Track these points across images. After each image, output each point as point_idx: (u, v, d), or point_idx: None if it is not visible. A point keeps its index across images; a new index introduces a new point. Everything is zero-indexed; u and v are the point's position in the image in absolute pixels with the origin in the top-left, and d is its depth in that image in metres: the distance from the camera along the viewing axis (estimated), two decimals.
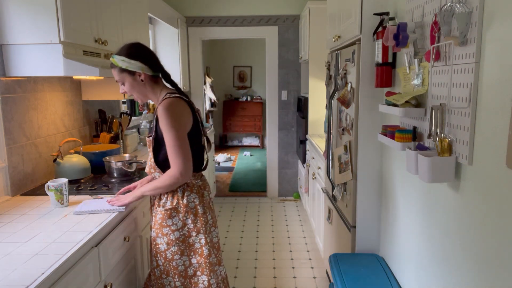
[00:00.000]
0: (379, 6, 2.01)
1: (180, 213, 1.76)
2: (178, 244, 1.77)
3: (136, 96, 1.79)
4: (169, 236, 1.76)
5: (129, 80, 1.73)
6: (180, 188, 1.76)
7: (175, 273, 1.79)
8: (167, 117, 1.64)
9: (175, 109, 1.67)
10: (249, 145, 8.62)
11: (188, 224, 1.77)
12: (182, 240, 1.78)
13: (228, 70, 8.52)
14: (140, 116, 4.02)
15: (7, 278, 1.18)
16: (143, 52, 1.74)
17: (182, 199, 1.76)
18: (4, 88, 1.94)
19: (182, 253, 1.78)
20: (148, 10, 3.34)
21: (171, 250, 1.77)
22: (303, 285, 2.90)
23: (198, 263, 1.80)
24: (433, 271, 1.54)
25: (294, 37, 4.68)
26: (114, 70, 1.74)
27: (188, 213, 1.76)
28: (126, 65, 1.69)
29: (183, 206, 1.76)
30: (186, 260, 1.79)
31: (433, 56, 1.42)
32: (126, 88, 1.75)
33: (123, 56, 1.69)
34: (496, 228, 1.13)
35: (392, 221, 2.02)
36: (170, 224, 1.76)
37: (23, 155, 2.09)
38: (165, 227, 1.76)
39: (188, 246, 1.79)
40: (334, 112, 2.68)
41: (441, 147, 1.35)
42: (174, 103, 1.68)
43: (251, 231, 3.95)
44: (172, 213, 1.76)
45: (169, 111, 1.65)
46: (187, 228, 1.78)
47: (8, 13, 1.83)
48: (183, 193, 1.76)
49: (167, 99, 1.70)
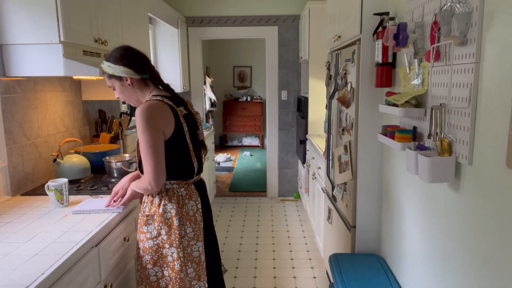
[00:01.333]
0: (379, 6, 2.01)
1: (156, 221, 1.68)
2: (151, 253, 1.69)
3: (128, 100, 1.76)
4: (144, 243, 1.70)
5: (118, 85, 1.70)
6: (159, 195, 1.68)
7: (147, 282, 1.71)
8: (141, 121, 1.55)
9: (151, 113, 1.57)
10: (249, 145, 8.62)
11: (162, 235, 1.68)
12: (155, 250, 1.69)
13: (228, 70, 8.52)
14: None
15: (7, 278, 1.18)
16: (128, 56, 1.69)
17: (158, 208, 1.67)
18: (4, 88, 1.94)
19: (154, 264, 1.70)
20: (148, 10, 3.34)
21: (145, 258, 1.71)
22: (303, 285, 2.90)
23: (170, 277, 1.70)
24: (433, 271, 1.54)
25: (294, 37, 4.68)
26: (104, 76, 1.72)
27: (162, 223, 1.67)
28: (112, 70, 1.66)
29: (158, 215, 1.67)
30: (158, 271, 1.71)
31: (433, 56, 1.42)
32: (118, 94, 1.73)
33: (109, 62, 1.67)
34: (496, 228, 1.13)
35: (392, 221, 2.02)
36: (145, 231, 1.70)
37: (23, 155, 2.09)
38: (142, 233, 1.71)
39: (161, 257, 1.70)
40: (334, 112, 2.68)
41: (441, 147, 1.35)
42: (151, 107, 1.58)
43: (251, 231, 3.95)
44: (148, 220, 1.69)
45: (144, 114, 1.55)
46: (161, 239, 1.68)
47: (8, 13, 1.83)
48: (160, 201, 1.68)
49: (145, 102, 1.62)
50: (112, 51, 1.72)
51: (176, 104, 1.69)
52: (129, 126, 3.47)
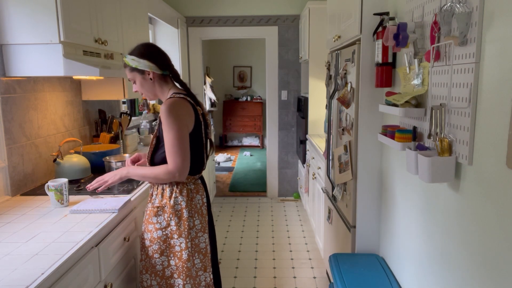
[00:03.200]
0: (379, 6, 2.01)
1: (166, 213, 1.77)
2: (159, 243, 1.77)
3: (145, 94, 1.83)
4: (152, 234, 1.78)
5: (139, 78, 1.78)
6: (169, 188, 1.77)
7: (153, 271, 1.79)
8: (168, 116, 1.66)
9: (177, 109, 1.69)
10: (249, 145, 8.62)
11: (171, 226, 1.77)
12: (163, 240, 1.77)
13: (228, 70, 8.52)
14: (140, 116, 4.02)
15: (7, 278, 1.18)
16: (153, 52, 1.78)
17: (169, 200, 1.76)
18: (4, 88, 1.94)
19: (161, 253, 1.78)
20: (148, 10, 3.34)
21: (152, 248, 1.78)
22: (303, 285, 2.90)
23: (176, 266, 1.78)
24: (433, 271, 1.54)
25: (294, 37, 4.68)
26: (126, 69, 1.79)
27: (172, 215, 1.76)
28: (136, 64, 1.74)
29: (169, 206, 1.76)
30: (165, 261, 1.79)
31: (433, 56, 1.42)
32: (136, 86, 1.81)
33: (133, 56, 1.75)
34: (496, 228, 1.13)
35: (392, 221, 2.02)
36: (155, 221, 1.77)
37: (23, 155, 2.09)
38: (150, 224, 1.78)
39: (168, 247, 1.78)
40: (334, 112, 2.68)
41: (441, 147, 1.35)
42: (176, 103, 1.70)
43: (251, 231, 3.95)
44: (159, 211, 1.77)
45: (171, 110, 1.67)
46: (170, 229, 1.77)
47: (8, 13, 1.83)
48: (171, 194, 1.77)
49: (170, 99, 1.73)
50: (136, 46, 1.80)
51: (195, 102, 1.80)
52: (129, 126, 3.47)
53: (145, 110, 4.14)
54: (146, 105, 4.16)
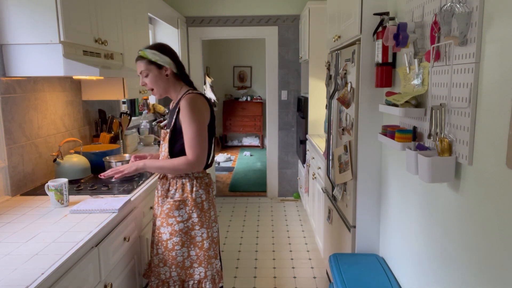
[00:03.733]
0: (379, 6, 2.01)
1: (187, 206, 1.86)
2: (180, 235, 1.85)
3: (156, 90, 1.88)
4: (173, 227, 1.85)
5: (155, 73, 1.84)
6: (190, 182, 1.86)
7: (173, 263, 1.86)
8: (190, 110, 1.77)
9: (198, 104, 1.80)
10: (249, 145, 8.62)
11: (193, 218, 1.86)
12: (185, 232, 1.86)
13: (228, 70, 8.52)
14: (140, 116, 4.02)
15: (7, 278, 1.18)
16: (172, 51, 1.90)
17: (191, 193, 1.86)
18: (4, 88, 1.94)
19: (182, 245, 1.86)
20: (148, 10, 3.34)
21: (172, 241, 1.85)
22: (303, 285, 2.90)
23: (197, 255, 1.89)
24: (433, 271, 1.54)
25: (294, 37, 4.68)
26: (140, 62, 1.84)
27: (194, 208, 1.86)
28: (157, 58, 1.82)
29: (191, 200, 1.85)
30: (185, 252, 1.87)
31: (433, 56, 1.42)
32: (149, 80, 1.85)
33: (154, 50, 1.83)
34: (496, 228, 1.13)
35: (392, 221, 2.02)
36: (177, 215, 1.85)
37: (23, 155, 2.08)
38: (171, 218, 1.85)
39: (189, 239, 1.87)
40: (334, 112, 2.68)
41: (441, 147, 1.35)
42: (197, 98, 1.82)
43: (251, 231, 3.95)
44: (180, 205, 1.85)
45: (192, 105, 1.78)
46: (192, 222, 1.86)
47: (8, 13, 1.83)
48: (191, 188, 1.86)
49: (190, 94, 1.83)
50: (155, 43, 1.89)
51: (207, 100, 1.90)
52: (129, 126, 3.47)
53: (145, 110, 4.14)
54: (146, 105, 4.16)
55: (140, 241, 2.11)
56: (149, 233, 2.29)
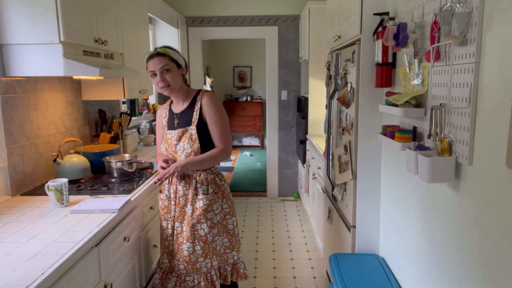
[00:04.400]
0: (379, 6, 2.01)
1: (220, 198, 2.03)
2: (218, 226, 2.02)
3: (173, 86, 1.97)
4: (212, 220, 1.99)
5: (175, 70, 1.97)
6: (217, 177, 2.05)
7: (214, 253, 2.02)
8: (216, 105, 1.99)
9: (218, 100, 2.04)
10: (249, 145, 8.62)
11: (225, 208, 2.05)
12: (221, 222, 2.04)
13: (228, 70, 8.52)
14: (140, 116, 4.02)
15: (7, 278, 1.18)
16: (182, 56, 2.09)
17: (221, 187, 2.05)
18: (4, 88, 1.94)
19: (220, 234, 2.04)
20: (148, 10, 3.34)
21: (212, 233, 2.00)
22: (303, 285, 2.90)
23: (230, 242, 2.09)
24: (433, 271, 1.54)
25: (294, 37, 4.68)
26: (162, 58, 1.94)
27: (226, 199, 2.06)
28: (178, 57, 2.00)
29: (222, 192, 2.04)
30: (221, 240, 2.06)
31: (433, 56, 1.42)
32: (170, 76, 1.95)
33: (175, 51, 2.01)
34: (496, 228, 1.13)
35: (392, 221, 2.02)
36: (215, 208, 2.00)
37: (23, 155, 2.08)
38: (209, 212, 1.98)
39: (222, 228, 2.05)
40: (334, 112, 2.68)
41: (441, 147, 1.35)
42: (215, 95, 2.05)
43: (251, 231, 3.95)
44: (215, 198, 2.01)
45: (217, 100, 2.02)
46: (224, 212, 2.05)
47: (8, 13, 1.83)
48: (220, 181, 2.06)
49: (208, 92, 2.05)
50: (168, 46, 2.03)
51: None
52: (129, 126, 3.47)
53: (145, 110, 4.14)
54: (146, 105, 4.15)
55: (140, 241, 2.11)
56: (149, 233, 2.29)
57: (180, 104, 2.06)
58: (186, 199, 1.98)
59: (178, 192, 2.00)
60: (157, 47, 1.97)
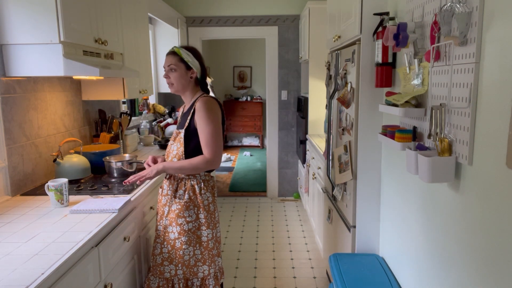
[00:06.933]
0: (379, 6, 2.01)
1: (196, 207, 1.94)
2: (188, 235, 1.93)
3: (176, 85, 1.96)
4: (182, 227, 1.92)
5: (182, 71, 1.94)
6: (198, 185, 1.95)
7: (179, 261, 1.94)
8: (206, 111, 1.88)
9: (213, 106, 1.92)
10: (249, 145, 8.62)
11: (200, 219, 1.95)
12: (193, 232, 1.94)
13: (228, 70, 8.52)
14: (140, 116, 4.02)
15: (7, 278, 1.18)
16: (201, 58, 2.02)
17: (199, 195, 1.94)
18: (4, 88, 1.94)
19: (190, 244, 1.94)
20: (148, 10, 3.34)
21: (181, 240, 1.92)
22: (303, 285, 2.90)
23: (202, 254, 1.97)
24: (433, 271, 1.54)
25: (294, 37, 4.68)
26: (172, 56, 1.93)
27: (202, 209, 1.94)
28: (189, 59, 1.94)
29: (200, 201, 1.94)
30: (191, 251, 1.95)
31: (433, 56, 1.42)
32: (174, 75, 1.93)
33: (189, 52, 1.94)
34: (496, 228, 1.13)
35: (392, 221, 2.02)
36: (187, 215, 1.92)
37: (23, 155, 2.08)
38: (180, 218, 1.92)
39: (195, 238, 1.95)
40: (334, 112, 2.68)
41: (441, 147, 1.35)
42: (211, 101, 1.94)
43: (251, 231, 3.95)
44: (190, 205, 1.93)
45: (210, 106, 1.91)
46: (199, 222, 1.95)
47: (8, 13, 1.83)
48: (200, 190, 1.95)
49: (205, 97, 1.95)
50: (188, 46, 2.00)
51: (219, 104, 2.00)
52: (129, 126, 3.47)
53: (145, 110, 4.14)
54: (146, 105, 4.16)
55: (140, 241, 2.11)
56: (149, 233, 2.29)
57: (188, 105, 2.06)
58: (167, 199, 1.97)
59: (164, 190, 2.00)
60: (177, 46, 1.97)
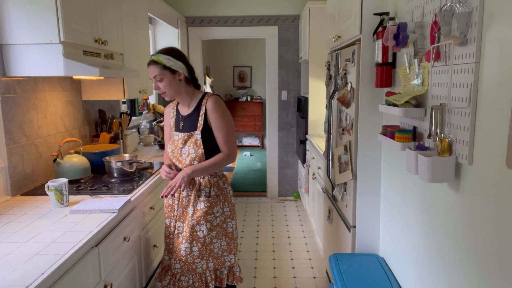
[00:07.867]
0: (379, 6, 2.01)
1: (221, 201, 2.03)
2: (217, 229, 2.02)
3: (168, 93, 1.94)
4: (212, 223, 2.00)
5: (169, 77, 1.90)
6: (221, 180, 2.05)
7: (210, 255, 2.03)
8: (221, 109, 1.95)
9: (223, 103, 2.00)
10: (249, 145, 8.62)
11: (226, 212, 2.05)
12: (220, 225, 2.03)
13: (228, 70, 8.52)
14: (140, 116, 4.02)
15: (7, 278, 1.18)
16: (183, 55, 1.97)
17: (224, 190, 2.04)
18: (4, 88, 1.94)
19: (218, 237, 2.04)
20: (148, 10, 3.34)
21: (211, 235, 2.00)
22: (303, 285, 2.90)
23: (228, 245, 2.09)
24: (433, 271, 1.54)
25: (294, 37, 4.68)
26: (155, 66, 1.89)
27: (227, 202, 2.06)
28: (171, 63, 1.88)
29: (224, 195, 2.04)
30: (219, 243, 2.05)
31: (433, 56, 1.42)
32: (163, 85, 1.91)
33: (168, 55, 1.89)
34: (496, 228, 1.13)
35: (392, 221, 2.02)
36: (215, 211, 2.00)
37: (23, 155, 2.08)
38: (210, 215, 1.98)
39: (221, 231, 2.05)
40: (334, 112, 2.68)
41: (441, 147, 1.35)
42: (221, 99, 2.01)
43: (251, 231, 3.95)
44: (217, 201, 2.01)
45: (222, 104, 1.98)
46: (225, 215, 2.05)
47: (8, 13, 1.83)
48: (224, 184, 2.05)
49: (214, 95, 1.99)
50: (167, 48, 1.94)
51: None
52: (129, 126, 3.47)
53: (145, 110, 4.14)
54: (146, 105, 4.16)
55: (140, 241, 2.11)
56: (149, 233, 2.29)
57: (186, 107, 2.04)
58: (189, 199, 1.99)
59: (181, 192, 2.00)
60: (153, 53, 1.91)
